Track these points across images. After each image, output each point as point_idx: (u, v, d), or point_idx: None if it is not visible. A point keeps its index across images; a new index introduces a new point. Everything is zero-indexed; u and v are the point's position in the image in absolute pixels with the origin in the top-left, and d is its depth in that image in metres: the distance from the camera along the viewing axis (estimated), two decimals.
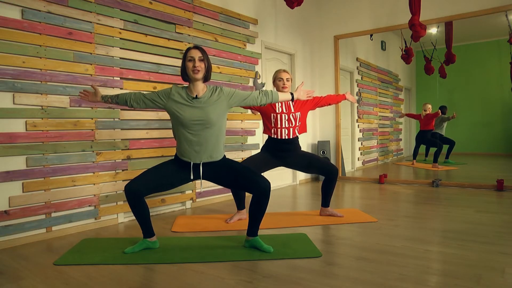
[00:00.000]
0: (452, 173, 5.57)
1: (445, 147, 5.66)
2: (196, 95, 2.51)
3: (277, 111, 3.30)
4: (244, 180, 2.53)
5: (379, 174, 5.61)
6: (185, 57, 2.51)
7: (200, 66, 2.48)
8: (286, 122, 3.31)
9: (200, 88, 2.53)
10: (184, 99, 2.51)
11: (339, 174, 6.07)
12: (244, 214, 3.42)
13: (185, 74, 2.52)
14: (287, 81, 3.32)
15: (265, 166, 3.36)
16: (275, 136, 3.32)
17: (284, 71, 3.35)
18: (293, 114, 3.32)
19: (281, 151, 3.35)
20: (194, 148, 2.52)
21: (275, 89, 3.38)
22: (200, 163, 2.55)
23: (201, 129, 2.50)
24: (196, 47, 2.52)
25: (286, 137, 3.32)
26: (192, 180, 2.62)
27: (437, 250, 2.50)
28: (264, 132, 3.42)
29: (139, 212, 2.52)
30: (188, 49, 2.52)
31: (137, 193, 2.45)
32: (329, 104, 3.53)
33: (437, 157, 5.65)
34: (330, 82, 6.16)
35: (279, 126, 3.30)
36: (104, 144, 3.36)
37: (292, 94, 2.76)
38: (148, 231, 2.60)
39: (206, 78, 2.54)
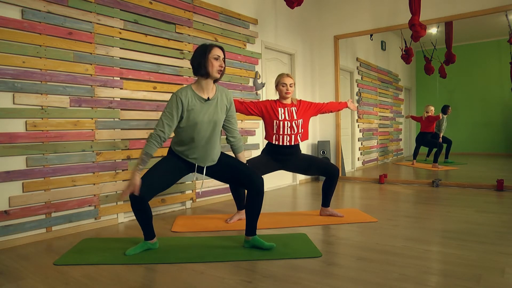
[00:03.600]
0: (452, 173, 5.57)
1: (444, 147, 5.66)
2: (208, 97, 2.48)
3: (280, 118, 3.26)
4: (239, 175, 2.57)
5: (379, 174, 5.61)
6: (209, 53, 2.40)
7: (223, 67, 2.46)
8: (289, 129, 3.28)
9: (210, 87, 2.50)
10: (196, 102, 2.45)
11: (339, 174, 6.06)
12: (244, 214, 3.42)
13: (204, 69, 2.41)
14: (291, 86, 3.28)
15: (266, 169, 3.36)
16: (277, 143, 3.30)
17: (288, 75, 3.30)
18: (296, 121, 3.29)
19: (282, 155, 3.35)
20: (200, 153, 2.52)
21: (277, 93, 3.37)
22: (204, 167, 2.59)
23: (210, 131, 2.50)
24: (221, 47, 2.47)
25: (288, 144, 3.30)
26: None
27: (437, 250, 2.50)
28: (266, 138, 3.38)
29: (142, 217, 2.49)
30: (212, 46, 2.42)
31: (143, 199, 2.41)
32: (331, 112, 3.54)
33: (437, 157, 5.66)
34: (330, 82, 6.16)
35: (281, 133, 3.28)
36: (104, 144, 3.36)
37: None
38: (149, 233, 2.58)
39: (219, 80, 2.54)
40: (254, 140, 4.93)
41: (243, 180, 2.55)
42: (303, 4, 5.72)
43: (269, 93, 5.29)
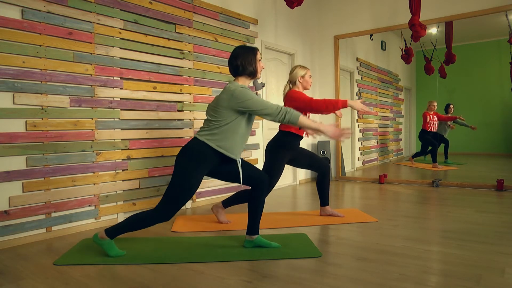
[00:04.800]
0: (452, 173, 5.57)
1: (443, 148, 5.68)
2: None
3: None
4: (248, 172, 2.59)
5: (379, 174, 5.61)
6: (256, 55, 2.55)
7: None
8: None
9: None
10: None
11: (339, 174, 6.07)
12: (221, 207, 3.37)
13: (254, 69, 2.55)
14: None
15: (282, 169, 3.36)
16: (301, 134, 3.33)
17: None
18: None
19: (298, 145, 3.39)
20: (242, 146, 2.56)
21: (299, 86, 3.34)
22: (239, 160, 2.61)
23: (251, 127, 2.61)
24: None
25: (305, 135, 3.35)
26: (239, 182, 2.59)
27: (437, 250, 2.50)
28: (290, 129, 3.28)
29: (141, 228, 2.48)
30: (256, 49, 2.58)
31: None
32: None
33: (435, 157, 5.66)
34: (330, 82, 6.16)
35: None
36: (104, 144, 3.36)
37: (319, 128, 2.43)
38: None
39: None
40: (254, 140, 4.93)
41: (251, 177, 2.58)
42: (303, 4, 5.72)
43: (269, 93, 5.29)
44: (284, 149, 3.28)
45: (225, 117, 2.43)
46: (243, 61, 2.50)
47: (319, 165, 3.44)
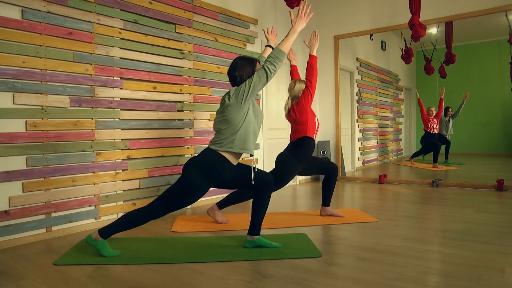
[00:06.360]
0: (452, 173, 5.57)
1: (444, 148, 5.68)
2: None
3: (316, 115, 3.42)
4: (254, 174, 2.59)
5: (379, 174, 5.61)
6: (255, 66, 2.57)
7: None
8: (317, 124, 3.43)
9: None
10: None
11: (339, 174, 6.07)
12: (217, 209, 3.37)
13: None
14: None
15: (293, 177, 3.38)
16: (312, 135, 3.35)
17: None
18: None
19: (311, 155, 3.40)
20: (256, 139, 2.62)
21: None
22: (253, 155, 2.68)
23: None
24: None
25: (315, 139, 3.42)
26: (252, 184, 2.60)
27: (437, 250, 2.50)
28: (306, 134, 3.30)
29: (132, 227, 2.51)
30: (257, 61, 2.62)
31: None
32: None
33: (437, 157, 5.66)
34: (330, 82, 6.16)
35: (315, 128, 3.39)
36: (104, 144, 3.36)
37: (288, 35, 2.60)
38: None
39: None
40: None
41: (257, 179, 2.58)
42: None
43: (269, 94, 5.30)
44: (298, 163, 3.30)
45: (236, 122, 2.47)
46: (241, 73, 2.54)
47: (325, 167, 3.45)
